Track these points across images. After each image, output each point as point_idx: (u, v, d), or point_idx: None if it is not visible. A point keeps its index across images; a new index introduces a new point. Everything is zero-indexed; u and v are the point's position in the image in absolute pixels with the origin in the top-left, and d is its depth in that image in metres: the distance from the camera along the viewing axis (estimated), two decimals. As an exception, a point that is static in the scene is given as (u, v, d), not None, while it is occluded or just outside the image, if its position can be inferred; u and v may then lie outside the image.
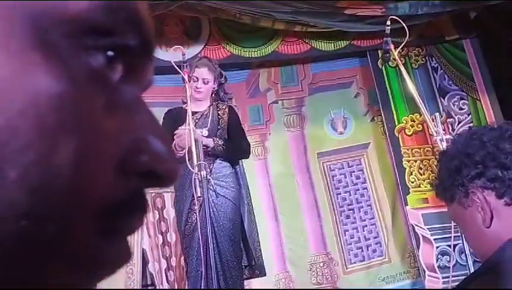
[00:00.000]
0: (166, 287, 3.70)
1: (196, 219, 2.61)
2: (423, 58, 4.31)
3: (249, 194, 2.99)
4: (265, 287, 3.74)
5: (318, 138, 4.21)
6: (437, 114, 2.66)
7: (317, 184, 4.10)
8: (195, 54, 3.85)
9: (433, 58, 4.31)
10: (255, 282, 3.45)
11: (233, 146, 2.87)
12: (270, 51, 4.05)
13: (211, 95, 2.94)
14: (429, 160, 4.03)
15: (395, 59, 2.89)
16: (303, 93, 4.28)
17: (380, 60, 4.16)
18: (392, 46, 2.51)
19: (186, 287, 2.86)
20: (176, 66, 2.68)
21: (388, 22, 2.50)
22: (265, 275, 3.01)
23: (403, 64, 2.84)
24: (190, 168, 2.56)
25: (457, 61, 4.28)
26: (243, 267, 2.84)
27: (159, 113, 3.67)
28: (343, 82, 4.33)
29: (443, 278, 3.69)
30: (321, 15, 3.86)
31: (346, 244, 4.04)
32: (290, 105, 4.25)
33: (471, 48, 4.30)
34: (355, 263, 4.01)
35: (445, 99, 4.22)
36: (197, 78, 2.83)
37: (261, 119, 4.19)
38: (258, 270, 2.90)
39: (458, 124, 4.18)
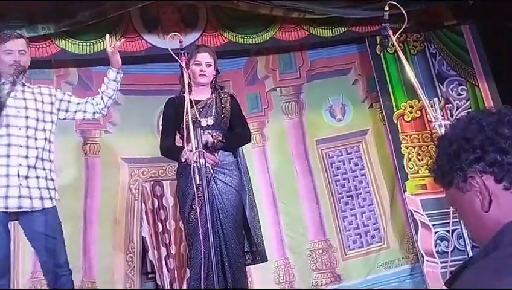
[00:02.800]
0: (166, 275, 3.72)
1: (201, 206, 2.62)
2: (421, 44, 4.28)
3: (250, 182, 3.00)
4: (265, 274, 3.77)
5: (316, 125, 4.21)
6: (435, 100, 2.66)
7: (315, 171, 4.11)
8: (193, 42, 3.83)
9: (432, 44, 4.29)
10: (255, 268, 3.47)
11: (235, 135, 2.89)
12: (267, 38, 4.02)
13: (212, 82, 2.94)
14: (428, 146, 4.03)
15: (393, 45, 2.88)
16: (301, 80, 4.27)
17: (378, 46, 4.15)
18: (390, 32, 2.50)
19: (187, 274, 2.88)
20: (173, 54, 2.67)
21: (386, 8, 2.48)
22: (266, 260, 3.04)
23: (401, 50, 2.82)
24: (189, 156, 2.57)
25: (455, 47, 4.26)
26: (245, 253, 2.87)
27: (158, 101, 3.68)
28: (341, 69, 4.31)
29: (441, 263, 3.72)
30: (319, 1, 3.83)
31: (345, 230, 4.06)
32: (288, 92, 4.24)
33: (470, 33, 4.28)
34: (353, 249, 4.04)
35: (444, 85, 4.21)
36: (200, 62, 2.83)
37: (259, 106, 4.18)
38: (259, 256, 2.92)
39: (457, 110, 4.17)
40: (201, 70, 2.83)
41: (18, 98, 2.58)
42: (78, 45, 3.67)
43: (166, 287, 3.68)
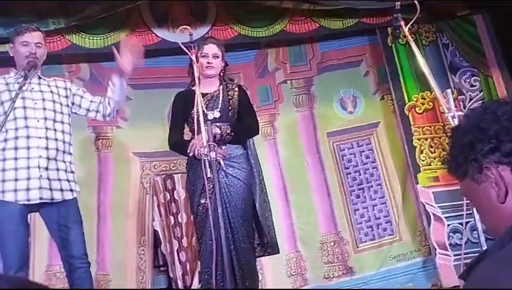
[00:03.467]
0: (178, 267, 3.74)
1: (209, 199, 2.62)
2: (434, 35, 4.24)
3: (261, 173, 2.99)
4: (276, 267, 3.77)
5: (327, 117, 4.19)
6: (448, 91, 2.63)
7: (326, 164, 4.09)
8: (203, 35, 3.82)
9: (444, 35, 4.23)
10: (267, 261, 3.48)
11: (243, 126, 2.87)
12: (278, 30, 4.00)
13: (219, 74, 2.93)
14: (440, 138, 4.00)
15: (405, 36, 2.85)
16: (312, 72, 4.24)
17: (390, 37, 4.11)
18: (402, 23, 2.47)
19: (199, 267, 2.89)
20: (183, 47, 2.67)
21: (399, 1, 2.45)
22: (278, 252, 3.04)
23: (413, 41, 2.78)
24: (199, 149, 2.57)
25: (468, 37, 4.21)
26: (256, 245, 2.87)
27: (168, 94, 3.69)
28: (352, 61, 4.28)
29: (454, 255, 3.70)
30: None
31: (357, 223, 4.04)
32: (299, 85, 4.22)
33: (483, 23, 4.22)
34: (365, 242, 4.03)
35: (456, 76, 4.16)
36: (207, 54, 2.83)
37: (269, 99, 4.17)
38: (271, 248, 2.92)
39: (469, 101, 4.13)
40: (208, 62, 2.82)
41: (35, 90, 2.60)
42: (89, 39, 3.69)
43: (178, 280, 3.71)
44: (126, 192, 3.80)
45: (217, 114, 2.79)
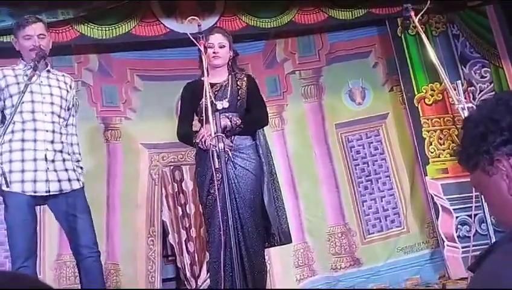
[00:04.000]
0: (187, 258, 3.77)
1: (218, 190, 2.63)
2: (444, 26, 4.19)
3: (272, 164, 2.99)
4: (284, 257, 3.79)
5: (336, 108, 4.17)
6: (458, 82, 2.61)
7: (335, 155, 4.09)
8: (211, 26, 3.80)
9: (454, 25, 4.19)
10: (275, 252, 3.50)
11: (252, 117, 2.86)
12: (286, 21, 3.98)
13: (228, 64, 2.92)
14: (449, 130, 3.98)
15: (415, 26, 2.83)
16: (320, 63, 4.22)
17: (399, 28, 4.08)
18: (412, 13, 2.45)
19: (207, 257, 2.91)
20: (192, 38, 2.66)
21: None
22: (291, 241, 3.04)
23: (423, 32, 2.76)
24: (209, 141, 2.58)
25: (479, 27, 4.16)
26: (265, 236, 2.87)
27: (177, 86, 3.69)
28: (361, 51, 4.25)
29: (462, 248, 3.69)
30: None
31: (364, 215, 4.04)
32: (308, 75, 4.20)
33: (494, 14, 4.17)
34: (373, 233, 4.02)
35: (467, 67, 4.13)
36: (212, 44, 2.82)
37: (278, 90, 4.16)
38: (282, 237, 2.92)
39: (480, 93, 4.09)
40: (214, 52, 2.81)
41: (44, 84, 2.60)
42: (97, 29, 3.69)
43: (186, 270, 3.74)
44: (135, 183, 3.82)
45: (225, 104, 2.79)
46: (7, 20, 3.51)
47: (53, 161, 2.52)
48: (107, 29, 3.70)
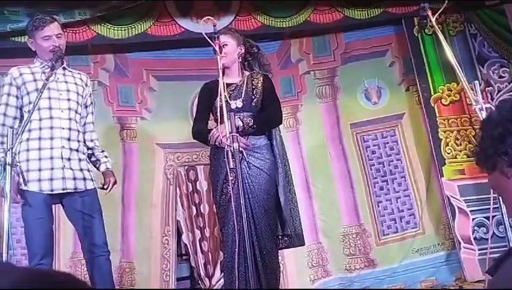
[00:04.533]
0: (201, 257, 3.78)
1: (231, 189, 2.64)
2: (461, 25, 4.13)
3: (288, 165, 2.98)
4: (298, 258, 3.78)
5: (351, 108, 4.14)
6: (476, 82, 2.57)
7: (350, 155, 4.06)
8: (226, 26, 3.81)
9: (472, 25, 4.13)
10: (288, 252, 3.49)
11: (264, 118, 2.85)
12: (301, 21, 3.96)
13: (240, 63, 2.91)
14: (466, 130, 3.92)
15: (432, 26, 2.79)
16: (336, 63, 4.20)
17: (416, 27, 4.04)
18: (429, 12, 2.42)
19: (221, 256, 2.91)
20: (207, 38, 2.67)
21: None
22: (304, 244, 3.03)
23: (440, 31, 2.72)
24: (223, 140, 2.58)
25: (497, 27, 4.08)
26: (279, 237, 2.87)
27: (192, 86, 3.71)
28: (377, 51, 4.21)
29: (479, 249, 3.64)
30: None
31: (380, 215, 4.01)
32: (323, 75, 4.18)
33: (513, 12, 4.09)
34: (388, 234, 3.99)
35: (484, 67, 4.07)
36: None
37: (292, 90, 4.15)
38: (297, 239, 2.91)
39: (498, 93, 4.03)
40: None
41: (60, 81, 2.63)
42: (114, 29, 3.73)
43: (200, 269, 3.75)
44: (150, 182, 3.84)
45: (239, 104, 2.79)
46: (25, 21, 3.57)
47: (69, 159, 2.55)
48: (123, 29, 3.73)
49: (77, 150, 2.61)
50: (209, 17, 2.80)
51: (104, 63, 3.96)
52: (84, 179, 2.61)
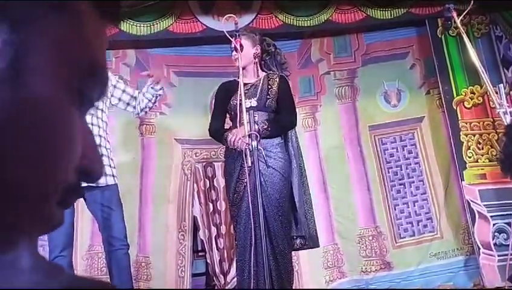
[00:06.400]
0: (216, 254, 3.79)
1: (244, 188, 2.63)
2: (486, 27, 4.06)
3: (303, 166, 2.96)
4: (313, 258, 3.76)
5: (370, 110, 4.11)
6: (501, 85, 2.52)
7: (368, 157, 4.03)
8: (247, 24, 3.82)
9: (498, 27, 4.05)
10: (303, 252, 3.47)
11: (277, 122, 2.80)
12: (323, 20, 3.94)
13: (256, 63, 2.90)
14: (489, 134, 3.85)
15: (456, 27, 2.75)
16: (356, 64, 4.17)
17: (440, 28, 3.98)
18: (454, 14, 2.38)
19: (236, 255, 2.92)
20: (228, 35, 2.67)
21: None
22: (318, 246, 3.01)
23: (464, 33, 2.68)
24: (238, 143, 2.58)
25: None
26: (293, 238, 2.85)
27: (212, 83, 3.72)
28: (398, 52, 4.17)
29: (499, 256, 3.57)
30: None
31: (396, 218, 3.97)
32: (342, 76, 4.15)
33: (541, 15, 4.01)
34: (404, 237, 3.95)
35: (509, 70, 3.99)
36: (231, 48, 2.82)
37: (312, 90, 4.13)
38: (311, 241, 2.90)
39: (522, 97, 3.95)
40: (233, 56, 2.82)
41: None
42: (136, 26, 3.76)
43: (215, 266, 3.76)
44: (167, 177, 3.87)
45: (253, 103, 2.77)
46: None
47: None
48: (145, 25, 3.76)
49: (100, 145, 2.64)
50: (230, 15, 2.79)
51: (125, 57, 4.00)
52: (106, 174, 2.64)
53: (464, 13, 2.57)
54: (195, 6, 3.89)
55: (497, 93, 2.45)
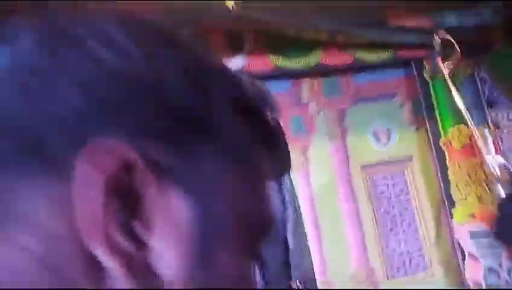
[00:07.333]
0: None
1: None
2: (471, 69, 4.18)
3: (298, 208, 2.96)
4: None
5: (361, 149, 4.17)
6: (486, 131, 2.59)
7: (359, 196, 4.06)
8: (239, 66, 3.90)
9: (482, 69, 4.18)
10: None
11: None
12: (313, 62, 4.04)
13: None
14: (476, 173, 3.91)
15: (444, 77, 2.84)
16: (346, 104, 4.25)
17: (426, 70, 4.09)
18: (440, 63, 2.47)
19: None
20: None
21: (436, 38, 2.45)
22: (317, 288, 2.99)
23: (450, 76, 2.78)
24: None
25: (507, 71, 4.13)
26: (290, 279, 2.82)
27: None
28: (387, 92, 4.27)
29: (490, 296, 3.59)
30: (366, 26, 3.83)
31: (389, 257, 3.98)
32: (333, 116, 4.23)
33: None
34: (397, 276, 3.95)
35: (494, 110, 4.09)
36: None
37: (302, 129, 4.19)
38: (308, 284, 2.87)
39: (507, 135, 4.03)
40: None
41: None
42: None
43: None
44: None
45: None
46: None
47: None
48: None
49: None
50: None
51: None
52: None
53: (450, 63, 2.66)
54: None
55: (483, 136, 2.52)
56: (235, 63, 3.96)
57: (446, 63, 2.70)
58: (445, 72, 2.68)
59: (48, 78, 0.29)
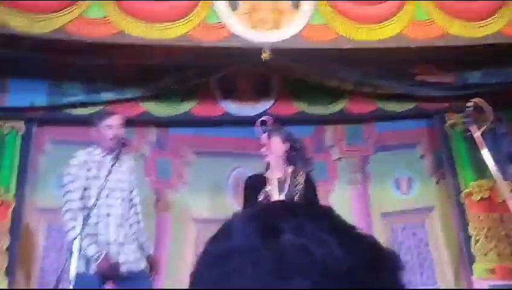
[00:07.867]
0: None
1: None
2: (492, 124, 4.25)
3: None
4: None
5: (382, 197, 4.21)
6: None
7: (379, 244, 4.07)
8: (265, 110, 4.01)
9: (503, 124, 4.25)
10: None
11: None
12: (337, 110, 4.14)
13: (283, 159, 3.00)
14: (497, 228, 3.93)
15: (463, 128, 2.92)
16: (368, 151, 4.32)
17: (447, 123, 4.17)
18: (474, 129, 2.54)
19: None
20: (261, 133, 2.82)
21: (470, 104, 2.54)
22: None
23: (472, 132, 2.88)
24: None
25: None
26: None
27: (230, 163, 3.84)
28: (408, 142, 4.34)
29: None
30: (391, 79, 3.94)
31: (407, 308, 3.95)
32: (354, 163, 4.30)
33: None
34: (416, 327, 3.91)
35: (513, 166, 4.14)
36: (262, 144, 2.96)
37: (325, 174, 4.25)
38: None
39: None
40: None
41: (115, 170, 2.75)
42: (161, 107, 3.93)
43: None
44: (181, 257, 3.87)
45: (282, 197, 2.87)
46: (79, 95, 3.79)
47: (123, 244, 2.65)
48: (169, 107, 3.94)
49: (130, 235, 2.73)
50: (266, 117, 2.97)
51: (147, 135, 4.13)
52: (136, 261, 2.72)
53: (482, 130, 2.73)
54: (216, 91, 4.08)
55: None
56: (262, 107, 4.08)
57: (478, 125, 2.81)
58: (477, 134, 2.78)
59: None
